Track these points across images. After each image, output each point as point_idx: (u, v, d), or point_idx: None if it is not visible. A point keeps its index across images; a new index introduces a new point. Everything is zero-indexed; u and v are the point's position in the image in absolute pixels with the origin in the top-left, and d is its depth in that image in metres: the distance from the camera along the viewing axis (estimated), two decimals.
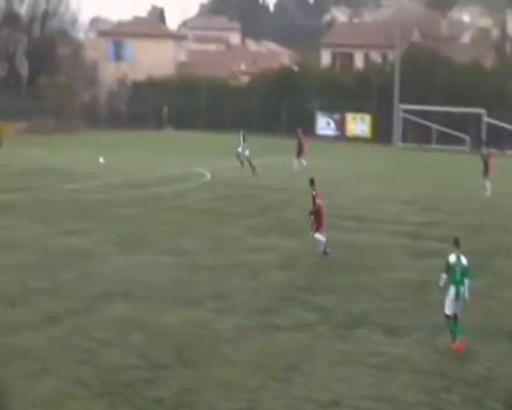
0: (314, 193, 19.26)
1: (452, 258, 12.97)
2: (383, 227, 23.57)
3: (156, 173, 34.97)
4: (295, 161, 38.86)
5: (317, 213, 19.12)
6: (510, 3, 68.50)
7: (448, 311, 12.91)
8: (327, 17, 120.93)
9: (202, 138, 58.39)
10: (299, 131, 40.50)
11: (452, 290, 12.86)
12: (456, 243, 13.08)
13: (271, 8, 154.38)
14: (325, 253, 19.08)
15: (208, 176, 34.61)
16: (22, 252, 18.83)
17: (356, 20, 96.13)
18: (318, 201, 19.20)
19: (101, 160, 37.88)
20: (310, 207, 19.49)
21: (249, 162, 35.87)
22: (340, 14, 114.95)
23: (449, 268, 12.96)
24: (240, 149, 36.53)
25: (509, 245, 21.71)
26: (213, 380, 11.38)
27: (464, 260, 12.96)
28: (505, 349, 13.25)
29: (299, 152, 39.21)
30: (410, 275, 17.76)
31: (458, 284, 12.83)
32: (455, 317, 12.98)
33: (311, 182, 19.47)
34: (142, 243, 20.38)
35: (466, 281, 12.85)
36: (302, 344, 13.04)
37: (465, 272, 12.88)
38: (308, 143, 40.46)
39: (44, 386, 10.92)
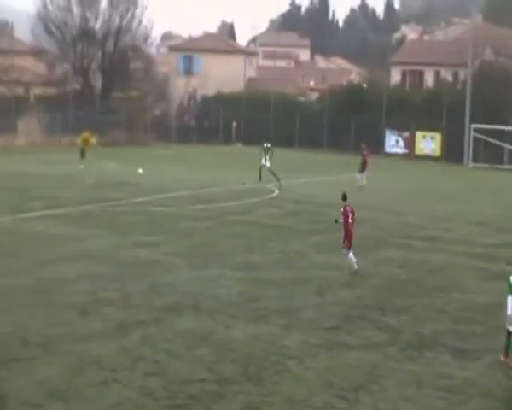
0: (342, 210, 19.25)
1: None
2: (455, 248, 23.17)
3: (224, 188, 35.23)
4: (358, 177, 38.69)
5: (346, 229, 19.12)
6: None
7: (509, 326, 12.93)
8: (397, 34, 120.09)
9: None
10: (363, 147, 40.25)
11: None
12: None
13: (341, 24, 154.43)
14: (356, 271, 19.02)
15: (276, 191, 34.68)
16: (93, 262, 19.20)
17: (426, 38, 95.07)
18: (354, 216, 19.20)
19: (140, 170, 39.00)
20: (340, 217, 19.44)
21: (260, 171, 37.38)
22: (410, 32, 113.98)
23: (510, 287, 12.96)
24: (263, 161, 37.43)
25: None
26: (279, 396, 11.35)
27: None
28: None
29: (363, 167, 39.04)
30: (481, 297, 17.39)
31: None
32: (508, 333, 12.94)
33: (344, 197, 19.46)
34: (210, 256, 20.53)
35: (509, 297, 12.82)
36: (370, 364, 12.89)
37: None
38: (373, 160, 40.15)
39: (114, 395, 11.08)
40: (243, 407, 10.95)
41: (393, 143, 61.83)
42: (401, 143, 61.71)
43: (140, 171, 39.01)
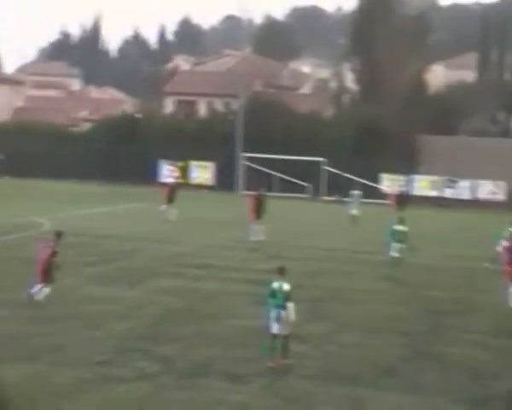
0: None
1: (275, 285, 14.57)
2: (228, 274, 23.66)
3: None
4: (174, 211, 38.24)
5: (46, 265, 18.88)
6: (345, 57, 71.57)
7: (273, 330, 14.40)
8: (170, 65, 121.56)
9: (41, 186, 56.65)
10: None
11: (274, 313, 14.38)
12: (280, 272, 14.72)
13: (113, 54, 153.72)
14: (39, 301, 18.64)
15: (47, 225, 33.47)
16: None
17: (199, 69, 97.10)
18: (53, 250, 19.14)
19: None
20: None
21: None
22: (183, 63, 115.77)
23: (272, 293, 14.48)
24: None
25: (343, 291, 22.34)
26: None
27: (286, 287, 14.47)
28: (344, 392, 13.54)
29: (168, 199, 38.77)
30: (254, 322, 17.75)
31: (279, 307, 14.35)
32: (284, 337, 14.40)
33: (58, 235, 19.59)
34: None
35: (289, 305, 14.29)
36: (143, 395, 12.75)
37: (287, 297, 14.36)
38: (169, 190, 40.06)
39: None
40: None
41: (168, 172, 62.30)
42: (175, 172, 62.33)
43: None
